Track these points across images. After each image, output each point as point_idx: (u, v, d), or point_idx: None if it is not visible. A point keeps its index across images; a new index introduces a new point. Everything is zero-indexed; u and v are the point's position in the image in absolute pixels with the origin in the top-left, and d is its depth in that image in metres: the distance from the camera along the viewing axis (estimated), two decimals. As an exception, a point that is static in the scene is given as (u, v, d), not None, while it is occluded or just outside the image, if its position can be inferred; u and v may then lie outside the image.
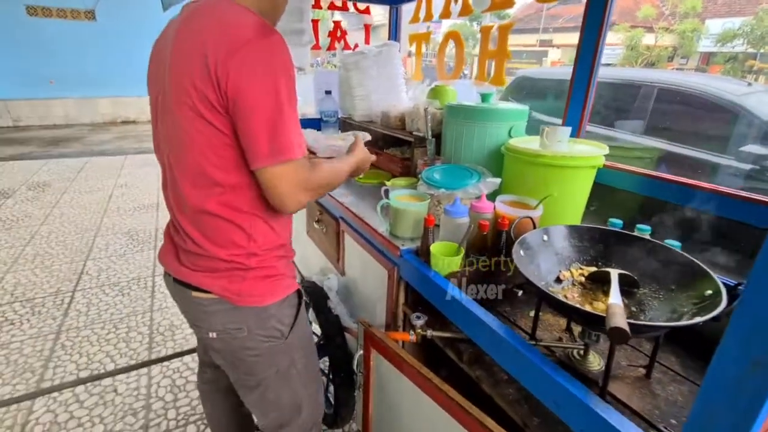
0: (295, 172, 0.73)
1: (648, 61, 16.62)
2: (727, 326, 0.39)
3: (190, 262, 0.84)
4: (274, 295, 0.86)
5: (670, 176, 0.99)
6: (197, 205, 0.78)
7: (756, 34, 14.96)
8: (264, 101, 0.68)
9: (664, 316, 0.72)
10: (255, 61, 0.68)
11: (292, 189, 0.74)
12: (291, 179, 0.73)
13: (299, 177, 0.74)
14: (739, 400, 0.39)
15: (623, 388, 0.77)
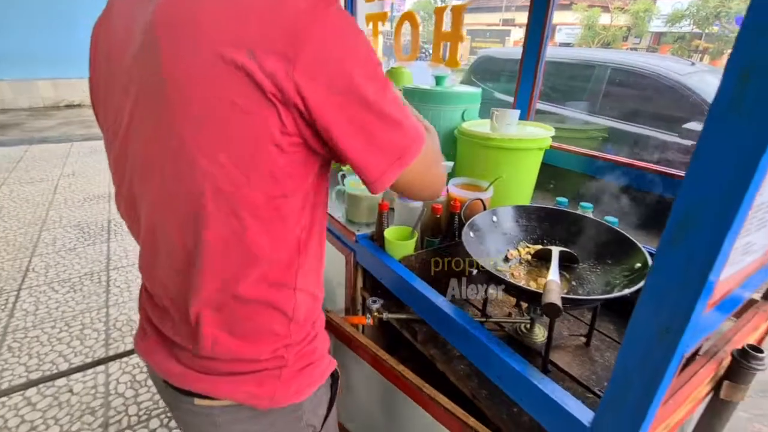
0: (425, 165, 0.53)
1: (604, 40, 17.16)
2: (639, 297, 0.42)
3: (200, 365, 0.56)
4: (312, 385, 0.61)
5: (609, 156, 1.05)
6: (221, 291, 0.51)
7: (701, 14, 15.75)
8: (361, 116, 0.44)
9: (599, 289, 0.77)
10: (334, 55, 0.42)
11: (430, 180, 0.58)
12: (424, 176, 0.55)
13: (429, 164, 0.55)
14: (649, 363, 0.43)
15: (565, 356, 0.82)
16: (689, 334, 0.40)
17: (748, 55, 0.31)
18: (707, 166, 0.34)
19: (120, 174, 0.54)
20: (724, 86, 0.32)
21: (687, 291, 0.38)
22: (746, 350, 0.59)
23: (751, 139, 0.32)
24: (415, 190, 0.58)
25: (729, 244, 0.36)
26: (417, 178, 0.54)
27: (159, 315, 0.59)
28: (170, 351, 0.58)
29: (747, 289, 0.54)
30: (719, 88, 0.32)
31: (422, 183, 0.56)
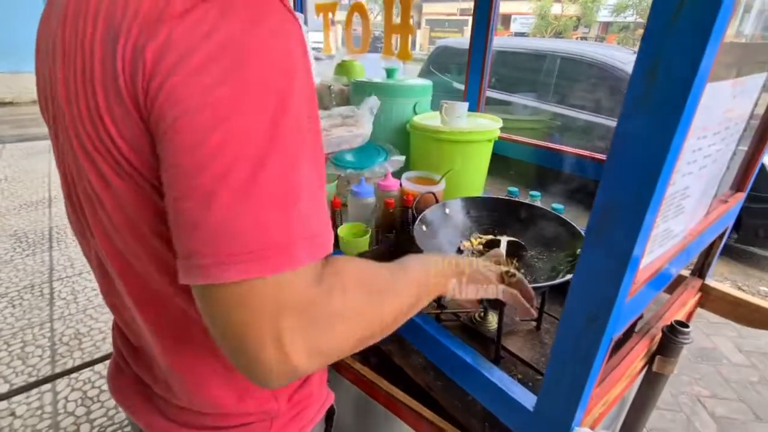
0: (292, 293, 0.32)
1: (556, 30, 17.78)
2: (569, 287, 0.44)
3: (183, 419, 0.50)
4: (306, 427, 0.55)
5: (553, 145, 1.08)
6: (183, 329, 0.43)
7: (643, 5, 16.64)
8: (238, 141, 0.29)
9: (545, 275, 0.80)
10: (216, 54, 0.29)
11: (271, 337, 0.31)
12: (274, 310, 0.31)
13: (297, 305, 0.32)
14: (580, 350, 0.45)
15: (517, 342, 0.85)
16: (615, 320, 0.42)
17: (654, 51, 0.32)
18: (621, 162, 0.36)
19: (62, 179, 0.45)
20: (633, 82, 0.33)
21: (609, 281, 0.40)
22: (674, 326, 0.63)
23: (659, 134, 0.33)
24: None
25: (645, 234, 0.38)
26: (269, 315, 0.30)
27: (132, 354, 0.52)
28: (149, 399, 0.52)
29: (673, 268, 0.58)
30: (629, 85, 0.33)
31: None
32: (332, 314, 0.34)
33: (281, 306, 0.31)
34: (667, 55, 0.31)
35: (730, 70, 0.41)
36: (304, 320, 0.32)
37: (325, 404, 0.58)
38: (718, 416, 1.71)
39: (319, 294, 0.33)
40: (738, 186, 0.75)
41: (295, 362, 0.31)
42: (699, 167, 0.46)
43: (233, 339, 0.31)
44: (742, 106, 0.51)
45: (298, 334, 0.31)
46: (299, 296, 0.31)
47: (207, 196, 0.29)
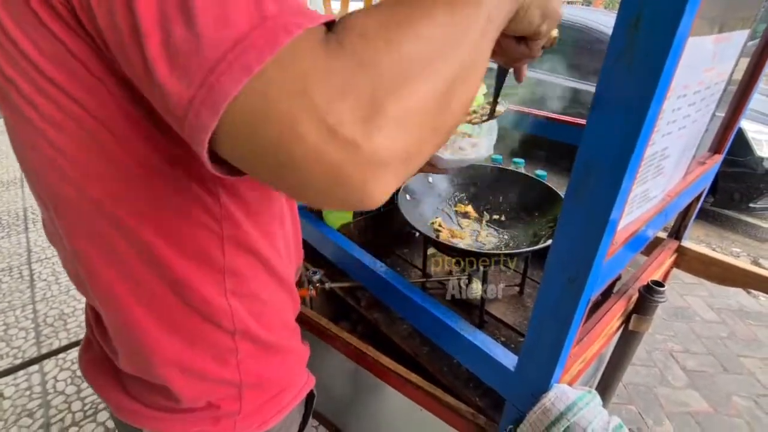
0: (325, 69, 0.24)
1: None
2: (550, 249, 0.44)
3: (150, 399, 0.47)
4: (282, 411, 0.53)
5: (537, 111, 1.07)
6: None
7: (631, -33, 16.26)
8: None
9: (527, 241, 0.81)
10: None
11: (315, 124, 0.23)
12: (317, 90, 0.23)
13: (338, 72, 0.24)
14: (559, 310, 0.46)
15: (500, 307, 0.87)
16: (593, 281, 0.43)
17: (636, 3, 0.31)
18: (601, 120, 0.35)
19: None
20: (615, 36, 0.32)
21: (588, 243, 0.40)
22: (650, 286, 0.65)
23: (640, 90, 0.32)
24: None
25: (623, 196, 0.38)
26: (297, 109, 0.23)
27: (101, 331, 0.49)
28: (117, 377, 0.49)
29: (651, 229, 0.59)
30: (611, 38, 0.32)
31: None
32: (365, 66, 0.24)
33: (303, 83, 0.23)
34: (650, 6, 0.30)
35: (712, 25, 0.40)
36: (337, 87, 0.24)
37: (305, 388, 0.56)
38: (688, 369, 1.81)
39: (334, 50, 0.24)
40: (716, 148, 0.76)
41: (363, 141, 0.24)
42: (678, 128, 0.46)
43: (281, 158, 0.24)
44: (722, 65, 0.51)
45: (342, 107, 0.23)
46: (314, 62, 0.24)
47: (151, 28, 0.23)
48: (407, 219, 0.77)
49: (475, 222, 0.92)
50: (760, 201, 2.92)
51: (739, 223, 3.19)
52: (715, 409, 1.62)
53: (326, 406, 1.01)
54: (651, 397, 1.66)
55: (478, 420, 0.63)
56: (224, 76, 0.23)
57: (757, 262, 2.72)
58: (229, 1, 0.24)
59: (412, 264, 1.00)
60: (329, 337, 0.82)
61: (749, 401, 1.66)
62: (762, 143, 2.84)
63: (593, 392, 0.51)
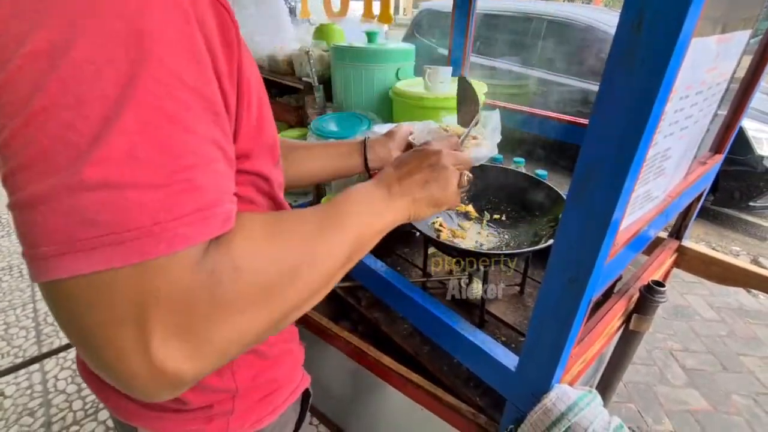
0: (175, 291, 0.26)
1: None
2: (551, 250, 0.44)
3: None
4: (276, 410, 0.53)
5: (538, 111, 1.07)
6: None
7: (632, -35, 16.20)
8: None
9: (528, 241, 0.81)
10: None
11: (136, 342, 0.25)
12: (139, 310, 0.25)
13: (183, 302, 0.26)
14: (560, 311, 0.46)
15: (501, 306, 0.87)
16: (594, 282, 0.43)
17: (638, 4, 0.30)
18: (604, 121, 0.35)
19: None
20: (617, 40, 0.32)
21: (589, 243, 0.40)
22: (651, 286, 0.65)
23: (643, 91, 0.32)
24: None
25: (625, 196, 0.38)
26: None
27: None
28: None
29: (652, 230, 0.59)
30: (614, 40, 0.32)
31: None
32: (219, 303, 0.27)
33: (148, 300, 0.24)
34: (653, 7, 0.30)
35: (715, 25, 0.40)
36: (180, 316, 0.25)
37: (299, 388, 0.57)
38: (688, 368, 1.81)
39: (199, 280, 0.26)
40: (717, 148, 0.76)
41: (172, 370, 0.25)
42: (680, 128, 0.46)
43: (90, 347, 0.25)
44: (725, 65, 0.51)
45: (172, 334, 0.25)
46: (173, 285, 0.25)
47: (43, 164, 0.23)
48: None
49: (475, 222, 0.92)
50: (760, 200, 2.92)
51: (739, 221, 3.19)
52: (714, 407, 1.62)
53: (327, 406, 1.01)
54: (650, 396, 1.67)
55: (478, 420, 0.63)
56: (79, 255, 0.23)
57: (756, 260, 2.72)
58: (130, 183, 0.23)
59: (412, 263, 1.00)
60: (330, 337, 0.82)
61: (749, 400, 1.66)
62: (762, 142, 2.84)
63: (594, 392, 0.52)
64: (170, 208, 0.25)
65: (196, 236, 0.26)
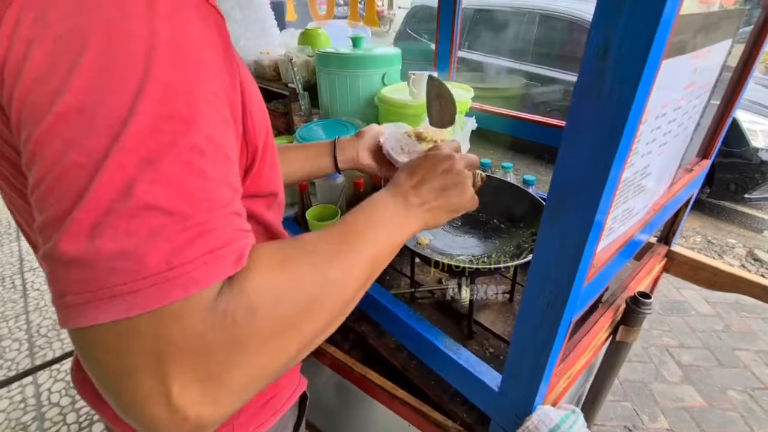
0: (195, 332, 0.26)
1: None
2: (528, 273, 0.43)
3: None
4: (276, 414, 0.53)
5: (527, 116, 1.06)
6: None
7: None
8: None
9: (510, 253, 0.80)
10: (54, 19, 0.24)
11: (157, 390, 0.25)
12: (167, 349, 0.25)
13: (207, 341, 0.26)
14: (539, 334, 0.45)
15: (490, 315, 0.86)
16: (572, 305, 0.42)
17: (604, 34, 0.29)
18: (573, 150, 0.34)
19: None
20: (584, 69, 0.31)
21: (565, 268, 0.39)
22: (637, 298, 0.64)
23: (611, 122, 0.31)
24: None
25: (600, 221, 0.37)
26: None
27: None
28: None
29: (636, 244, 0.58)
30: (580, 71, 0.31)
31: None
32: (236, 345, 0.27)
33: (165, 348, 0.24)
34: (617, 37, 0.29)
35: (689, 42, 0.39)
36: (199, 361, 0.25)
37: (297, 391, 0.58)
38: (684, 364, 1.82)
39: (214, 323, 0.26)
40: (704, 153, 0.75)
41: (195, 415, 0.26)
42: (659, 145, 0.45)
43: (113, 394, 0.25)
44: (705, 77, 0.49)
45: (191, 380, 0.25)
46: (188, 331, 0.25)
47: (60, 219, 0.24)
48: None
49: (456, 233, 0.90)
50: (756, 191, 2.92)
51: (735, 213, 3.19)
52: (710, 403, 1.63)
53: (319, 419, 1.01)
54: (646, 393, 1.67)
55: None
56: (99, 303, 0.23)
57: (752, 252, 2.72)
58: (145, 231, 0.24)
59: (401, 272, 0.99)
60: (318, 353, 0.81)
61: (744, 395, 1.67)
62: (756, 133, 2.84)
63: (577, 412, 0.51)
64: (184, 252, 0.25)
65: (209, 278, 0.26)
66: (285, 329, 0.30)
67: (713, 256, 2.70)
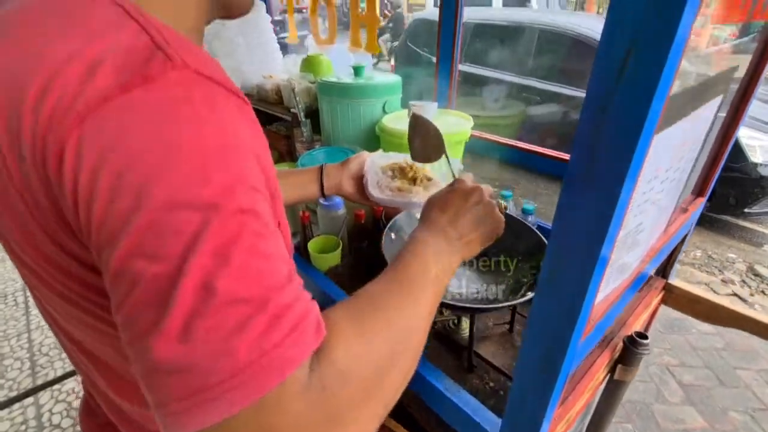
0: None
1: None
2: (524, 329, 0.44)
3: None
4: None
5: (523, 145, 1.07)
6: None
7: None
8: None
9: (509, 288, 0.81)
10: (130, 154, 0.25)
11: None
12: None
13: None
14: (537, 385, 0.46)
15: (490, 346, 0.87)
16: (570, 360, 0.43)
17: (591, 132, 0.31)
18: (565, 230, 0.35)
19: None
20: (572, 164, 0.32)
21: (561, 330, 0.40)
22: (634, 338, 0.65)
23: (601, 206, 0.32)
24: None
25: (594, 285, 0.38)
26: None
27: (103, 399, 0.47)
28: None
29: (631, 291, 0.59)
30: (569, 164, 0.32)
31: None
32: (335, 416, 0.28)
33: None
34: (606, 137, 0.30)
35: (680, 112, 0.40)
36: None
37: None
38: (685, 384, 1.81)
39: (315, 399, 0.27)
40: (699, 191, 0.76)
41: None
42: (652, 202, 0.46)
43: None
44: (699, 130, 0.51)
45: None
46: (290, 416, 0.26)
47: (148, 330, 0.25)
48: (387, 260, 0.77)
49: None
50: (756, 206, 2.93)
51: (735, 227, 3.19)
52: (711, 425, 1.62)
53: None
54: (648, 415, 1.67)
55: (465, 478, 0.63)
56: (204, 406, 0.24)
57: (752, 268, 2.72)
58: (232, 324, 0.25)
59: (402, 300, 1.00)
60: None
61: (745, 416, 1.66)
62: (755, 149, 2.85)
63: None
64: (271, 336, 0.25)
65: (300, 356, 0.27)
66: (373, 392, 0.31)
67: (713, 271, 2.70)
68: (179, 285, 0.24)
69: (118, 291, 0.25)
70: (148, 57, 0.26)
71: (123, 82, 0.25)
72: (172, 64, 0.26)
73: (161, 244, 0.24)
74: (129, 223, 0.24)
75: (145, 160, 0.25)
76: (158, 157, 0.25)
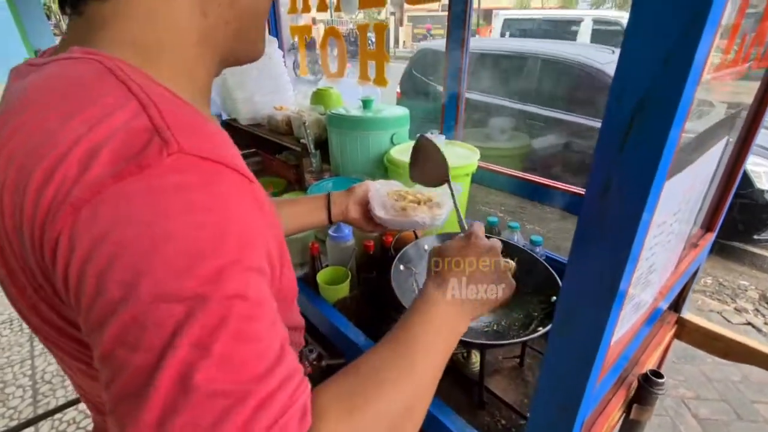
0: None
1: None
2: (539, 377, 0.44)
3: None
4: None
5: (531, 177, 1.09)
6: None
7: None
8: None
9: (519, 323, 0.80)
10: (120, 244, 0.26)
11: None
12: None
13: None
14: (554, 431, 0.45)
15: (501, 382, 0.85)
16: (586, 407, 0.42)
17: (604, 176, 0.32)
18: (579, 278, 0.36)
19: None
20: (585, 206, 0.33)
21: (576, 377, 0.40)
22: (649, 377, 0.64)
23: (614, 255, 0.33)
24: None
25: (609, 330, 0.38)
26: None
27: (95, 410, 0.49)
28: None
29: (644, 330, 0.58)
30: (582, 208, 0.33)
31: None
32: None
33: None
34: (618, 175, 0.31)
35: (689, 158, 0.41)
36: None
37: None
38: (701, 418, 1.75)
39: None
40: (708, 226, 0.76)
41: None
42: (662, 245, 0.46)
43: None
44: (706, 171, 0.52)
45: None
46: None
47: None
48: (396, 294, 0.76)
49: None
50: (765, 232, 2.90)
51: (746, 254, 3.15)
52: (731, 463, 1.55)
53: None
54: (664, 452, 1.60)
55: None
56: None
57: (765, 296, 2.67)
58: (210, 419, 0.24)
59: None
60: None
61: (767, 454, 1.59)
62: (761, 175, 2.85)
63: None
64: (251, 429, 0.25)
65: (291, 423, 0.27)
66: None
67: (725, 299, 2.65)
68: (156, 378, 0.24)
69: (105, 373, 0.26)
70: (144, 142, 0.26)
71: (117, 171, 0.25)
72: (168, 150, 0.26)
73: (143, 337, 0.24)
74: (114, 314, 0.25)
75: (133, 252, 0.25)
76: (146, 248, 0.25)
